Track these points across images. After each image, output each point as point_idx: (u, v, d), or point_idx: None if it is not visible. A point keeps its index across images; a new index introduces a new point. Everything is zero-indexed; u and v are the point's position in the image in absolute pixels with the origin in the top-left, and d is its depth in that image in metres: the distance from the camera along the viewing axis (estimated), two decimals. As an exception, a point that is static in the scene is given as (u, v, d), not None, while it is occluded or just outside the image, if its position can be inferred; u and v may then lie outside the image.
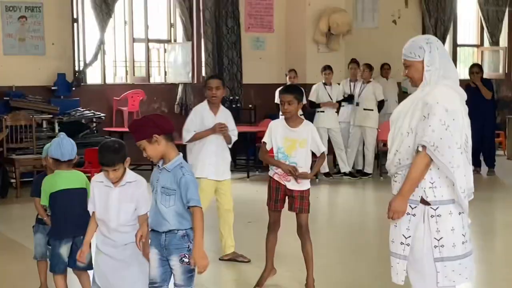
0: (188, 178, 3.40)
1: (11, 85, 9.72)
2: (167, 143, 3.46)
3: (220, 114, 5.51)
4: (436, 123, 3.26)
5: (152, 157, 3.48)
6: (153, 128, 3.44)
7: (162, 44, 11.53)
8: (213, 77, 5.73)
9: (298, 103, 4.64)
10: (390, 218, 3.40)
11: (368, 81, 9.98)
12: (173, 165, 3.44)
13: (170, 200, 3.42)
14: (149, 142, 3.44)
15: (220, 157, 5.52)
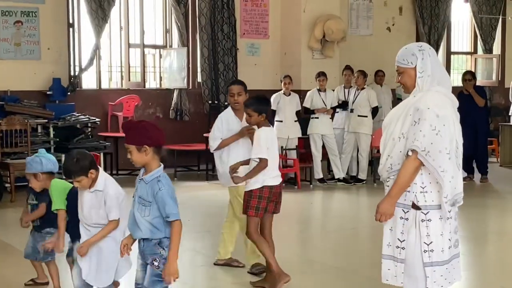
0: (164, 192, 3.45)
1: (6, 90, 9.74)
2: (154, 155, 3.51)
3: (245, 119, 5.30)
4: (427, 128, 3.31)
5: (135, 163, 3.55)
6: (146, 138, 3.48)
7: (158, 50, 11.57)
8: (235, 83, 5.59)
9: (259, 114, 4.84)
10: (377, 220, 3.44)
11: (362, 87, 10.04)
12: (151, 177, 3.50)
13: (145, 211, 3.48)
14: (138, 149, 3.48)
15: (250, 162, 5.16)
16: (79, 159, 3.94)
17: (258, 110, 4.83)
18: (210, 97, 11.36)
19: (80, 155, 3.99)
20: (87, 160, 3.95)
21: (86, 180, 3.94)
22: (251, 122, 4.92)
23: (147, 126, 3.54)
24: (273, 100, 9.98)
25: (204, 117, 11.38)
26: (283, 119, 9.93)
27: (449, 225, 3.45)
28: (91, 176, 3.95)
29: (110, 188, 4.03)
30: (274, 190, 4.89)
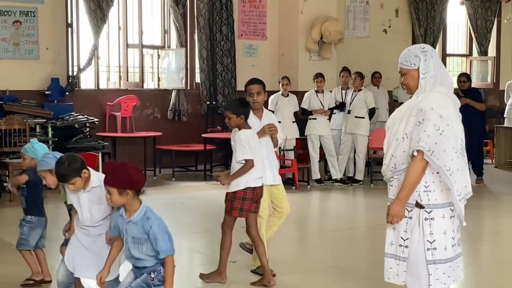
0: (155, 230, 3.47)
1: (4, 89, 9.74)
2: (134, 196, 3.52)
3: (265, 118, 5.33)
4: (431, 128, 3.37)
5: (115, 204, 3.56)
6: (127, 183, 3.48)
7: (156, 50, 11.60)
8: (253, 82, 5.39)
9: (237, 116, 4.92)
10: (389, 222, 3.48)
11: (360, 89, 10.10)
12: (139, 217, 3.51)
13: (143, 247, 3.52)
14: (119, 192, 3.48)
15: (272, 160, 5.35)
16: (71, 162, 3.98)
17: (237, 113, 4.90)
18: (208, 97, 11.40)
19: (71, 157, 4.04)
20: (78, 162, 4.00)
21: (80, 181, 3.98)
22: (231, 124, 4.98)
23: (130, 170, 3.52)
24: (271, 101, 10.04)
25: (202, 118, 11.43)
26: (281, 120, 9.92)
27: (452, 224, 3.51)
28: (85, 176, 4.00)
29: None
30: (256, 191, 4.99)
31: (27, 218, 4.92)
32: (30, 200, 4.92)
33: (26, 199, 4.94)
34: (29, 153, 4.82)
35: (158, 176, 10.70)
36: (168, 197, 9.05)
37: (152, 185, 9.98)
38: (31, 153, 4.81)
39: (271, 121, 5.30)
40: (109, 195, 3.51)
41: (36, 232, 4.94)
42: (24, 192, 4.94)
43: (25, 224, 4.92)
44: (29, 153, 4.82)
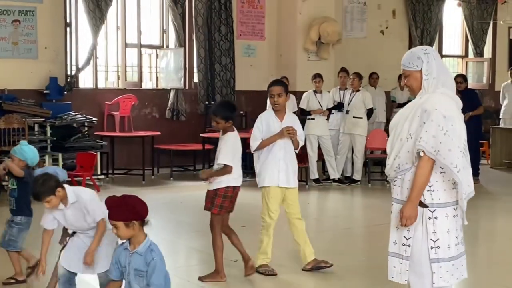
0: (157, 262, 3.52)
1: (3, 88, 9.75)
2: (140, 227, 3.56)
3: (286, 119, 5.30)
4: (435, 128, 3.42)
5: (121, 238, 3.60)
6: (133, 214, 3.52)
7: (154, 50, 11.63)
8: (275, 83, 5.37)
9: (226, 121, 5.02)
10: (403, 225, 3.51)
11: (358, 89, 10.15)
12: (144, 248, 3.55)
13: (143, 281, 3.55)
14: (126, 225, 3.52)
15: (290, 163, 5.31)
16: (45, 180, 4.08)
17: (225, 117, 4.99)
18: (206, 97, 11.43)
19: (45, 176, 4.13)
20: (52, 180, 4.09)
21: (55, 199, 4.08)
22: (218, 128, 5.09)
23: (132, 202, 3.56)
24: (269, 101, 10.07)
25: (200, 118, 11.46)
26: (279, 120, 10.02)
27: (456, 223, 3.57)
28: (59, 194, 4.09)
29: (82, 195, 4.18)
30: (236, 190, 5.10)
31: (17, 219, 4.96)
32: (21, 201, 4.96)
33: (17, 200, 4.97)
34: (18, 154, 4.94)
35: (156, 175, 10.72)
36: (166, 197, 9.08)
37: (150, 184, 10.01)
38: (19, 155, 4.93)
39: (292, 123, 5.28)
40: (115, 229, 3.53)
41: (24, 233, 5.01)
42: (14, 193, 4.98)
43: (14, 225, 4.96)
44: (18, 154, 4.94)
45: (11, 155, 4.99)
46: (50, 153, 9.61)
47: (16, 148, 5.04)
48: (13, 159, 4.94)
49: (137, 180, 10.19)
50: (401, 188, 3.57)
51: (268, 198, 5.27)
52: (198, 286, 5.14)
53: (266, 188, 5.28)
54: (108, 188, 9.65)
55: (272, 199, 5.24)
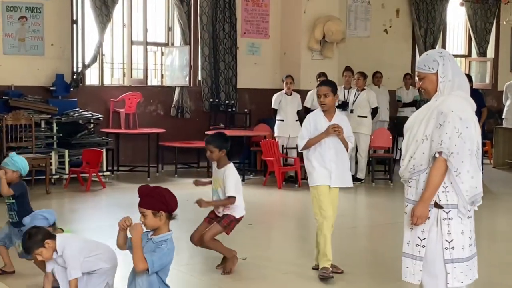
0: (163, 249, 3.60)
1: (10, 85, 9.79)
2: (166, 220, 3.63)
3: (335, 119, 5.24)
4: (451, 130, 3.47)
5: (148, 227, 3.65)
6: (163, 205, 3.60)
7: (160, 47, 11.67)
8: (322, 84, 5.35)
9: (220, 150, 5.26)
10: (414, 224, 3.56)
11: (362, 88, 10.20)
12: (159, 239, 3.63)
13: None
14: (154, 214, 3.58)
15: (340, 163, 5.23)
16: (31, 234, 4.16)
17: (219, 147, 5.22)
18: (210, 95, 11.48)
19: (33, 230, 4.21)
20: (40, 234, 4.16)
21: (45, 251, 4.14)
22: (212, 157, 5.29)
23: (164, 193, 3.65)
24: (274, 99, 10.14)
25: (205, 115, 11.51)
26: (284, 118, 10.09)
27: (469, 224, 3.62)
28: (49, 246, 4.14)
29: (67, 248, 4.18)
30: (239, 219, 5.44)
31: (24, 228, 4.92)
32: (21, 212, 5.01)
33: (18, 212, 5.03)
34: (10, 166, 5.00)
35: (161, 172, 10.77)
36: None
37: (155, 181, 10.04)
38: (12, 166, 4.99)
39: (340, 123, 5.23)
40: (143, 217, 3.60)
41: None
42: (14, 206, 5.05)
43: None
44: (10, 166, 5.00)
45: (3, 168, 5.03)
46: (56, 150, 9.66)
47: (7, 160, 5.11)
48: (6, 172, 4.99)
49: (142, 176, 10.23)
50: (415, 189, 3.62)
51: (319, 196, 5.18)
52: (201, 281, 5.19)
53: (316, 187, 5.20)
54: (113, 184, 9.70)
55: (323, 197, 5.16)
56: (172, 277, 5.12)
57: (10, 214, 5.08)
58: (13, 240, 5.08)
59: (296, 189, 9.68)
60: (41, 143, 9.58)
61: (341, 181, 5.26)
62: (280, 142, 10.03)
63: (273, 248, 6.51)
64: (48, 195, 8.73)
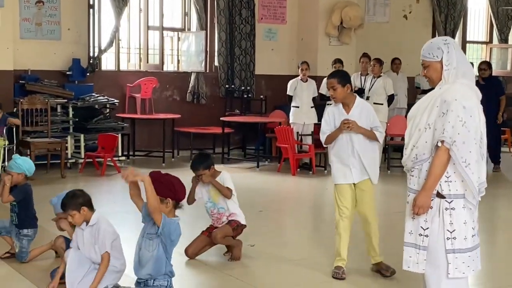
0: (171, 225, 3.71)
1: (26, 69, 9.85)
2: (172, 208, 3.73)
3: (354, 111, 4.90)
4: (454, 119, 3.42)
5: None
6: (170, 192, 3.70)
7: (176, 33, 11.66)
8: (329, 76, 5.00)
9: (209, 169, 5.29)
10: (415, 213, 3.52)
11: (379, 75, 10.09)
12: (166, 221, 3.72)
13: (153, 244, 3.73)
14: (161, 200, 3.67)
15: (360, 156, 4.90)
16: (75, 194, 4.25)
17: (208, 166, 5.24)
18: (226, 81, 11.46)
19: (78, 192, 4.31)
20: (82, 198, 4.24)
21: (78, 215, 4.19)
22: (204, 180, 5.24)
23: (174, 181, 3.74)
24: (290, 86, 10.08)
25: (221, 101, 11.50)
26: (299, 105, 10.03)
27: (472, 214, 3.56)
28: (83, 213, 4.20)
29: (102, 222, 4.27)
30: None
31: (23, 232, 5.10)
32: (22, 215, 5.11)
33: (18, 215, 5.11)
34: (14, 169, 5.06)
35: (176, 158, 10.80)
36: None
37: (170, 166, 10.09)
38: (16, 169, 5.05)
39: (359, 115, 4.89)
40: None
41: (32, 241, 5.16)
42: (15, 208, 5.13)
43: (23, 237, 5.10)
44: (14, 169, 5.06)
45: (8, 172, 5.10)
46: (72, 134, 9.72)
47: (10, 163, 5.19)
48: (11, 175, 5.06)
49: (157, 162, 10.28)
50: (418, 178, 3.57)
51: (337, 195, 4.97)
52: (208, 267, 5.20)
53: (336, 185, 5.00)
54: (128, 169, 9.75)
55: (341, 196, 4.95)
56: (179, 264, 5.18)
57: (12, 215, 5.16)
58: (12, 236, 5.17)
59: (310, 176, 9.65)
60: (57, 128, 9.64)
61: (362, 175, 4.94)
62: (295, 128, 9.99)
63: (283, 235, 6.50)
64: (63, 179, 8.81)
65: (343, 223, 4.98)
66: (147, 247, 3.74)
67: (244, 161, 10.86)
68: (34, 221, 5.17)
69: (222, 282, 4.94)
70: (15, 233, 5.12)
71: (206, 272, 5.11)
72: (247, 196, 7.70)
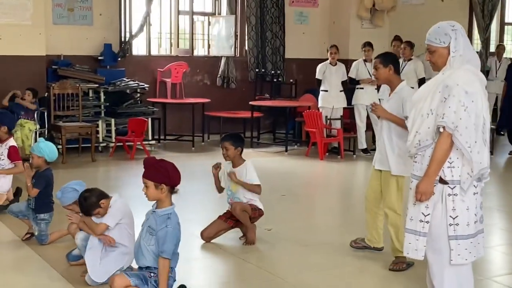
0: (169, 230, 3.72)
1: (59, 54, 10.02)
2: (168, 194, 3.76)
3: (394, 96, 4.90)
4: (456, 104, 3.37)
5: (149, 198, 3.79)
6: (165, 178, 3.73)
7: (207, 17, 11.68)
8: (376, 56, 5.15)
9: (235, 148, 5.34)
10: (418, 200, 3.49)
11: (410, 58, 9.94)
12: (163, 213, 3.77)
13: (151, 240, 3.77)
14: (156, 186, 3.72)
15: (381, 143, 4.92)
16: (86, 198, 4.41)
17: (235, 145, 5.34)
18: (256, 65, 11.45)
19: (86, 194, 4.45)
20: (94, 196, 4.40)
21: (102, 210, 4.38)
22: (228, 155, 5.34)
23: (167, 167, 3.76)
24: (318, 70, 10.02)
25: (250, 85, 11.51)
26: (328, 89, 9.96)
27: (475, 200, 3.51)
28: (104, 205, 4.38)
29: (113, 206, 4.40)
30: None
31: (40, 216, 5.22)
32: (39, 201, 5.22)
33: (36, 200, 5.22)
34: (35, 151, 5.19)
35: (206, 142, 10.88)
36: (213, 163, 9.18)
37: (199, 150, 10.18)
38: (37, 152, 5.18)
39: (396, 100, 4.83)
40: (146, 188, 3.74)
41: (50, 223, 5.28)
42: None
43: (40, 222, 5.21)
44: (35, 151, 5.19)
45: (31, 153, 5.25)
46: (103, 118, 9.87)
47: (34, 145, 5.32)
48: (32, 157, 5.20)
49: (187, 146, 10.37)
50: (421, 164, 3.54)
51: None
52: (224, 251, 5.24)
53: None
54: (159, 153, 9.86)
55: (370, 177, 5.06)
56: (194, 247, 5.24)
57: (29, 200, 5.27)
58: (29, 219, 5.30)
59: (338, 161, 9.60)
60: (89, 112, 9.80)
61: (380, 164, 4.88)
62: (324, 113, 9.93)
63: (305, 220, 6.47)
64: (93, 163, 8.97)
65: (365, 203, 5.10)
66: (147, 241, 3.81)
67: (273, 145, 10.87)
68: (50, 205, 5.28)
69: (235, 266, 4.98)
70: (32, 217, 5.24)
71: (220, 255, 5.16)
72: (272, 180, 7.73)
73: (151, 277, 3.82)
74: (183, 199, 5.36)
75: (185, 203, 6.20)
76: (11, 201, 6.16)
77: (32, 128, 8.86)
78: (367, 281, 4.67)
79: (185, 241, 4.77)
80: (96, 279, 4.30)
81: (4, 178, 6.16)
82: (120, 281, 3.77)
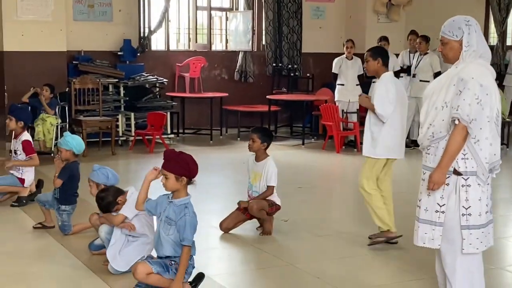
0: (187, 219, 3.86)
1: (79, 50, 10.19)
2: (185, 185, 3.89)
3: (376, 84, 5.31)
4: (471, 97, 3.45)
5: (168, 189, 3.90)
6: (185, 171, 3.85)
7: (224, 12, 11.80)
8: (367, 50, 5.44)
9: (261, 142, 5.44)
10: (430, 189, 3.59)
11: (425, 53, 9.98)
12: (180, 203, 3.90)
13: (170, 230, 3.90)
14: (176, 178, 3.84)
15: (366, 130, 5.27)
16: (103, 198, 4.62)
17: (262, 139, 5.46)
18: (274, 59, 11.55)
19: (102, 194, 4.64)
20: (110, 195, 4.60)
21: (120, 207, 4.56)
22: (253, 147, 5.48)
23: (187, 159, 3.89)
24: (335, 64, 10.10)
25: (268, 79, 11.61)
26: (344, 83, 10.04)
27: (487, 191, 3.60)
28: (122, 201, 4.57)
29: (134, 194, 4.50)
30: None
31: (62, 207, 5.38)
32: (63, 192, 5.39)
33: (60, 191, 5.39)
34: (63, 145, 5.34)
35: (224, 135, 11.01)
36: (231, 156, 9.33)
37: (217, 144, 10.31)
38: (64, 145, 5.33)
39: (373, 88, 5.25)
40: (165, 179, 3.86)
41: (72, 214, 5.44)
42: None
43: (62, 212, 5.38)
44: (63, 145, 5.34)
45: (58, 147, 5.41)
46: (123, 113, 10.04)
47: (61, 139, 5.47)
48: (60, 151, 5.35)
49: (206, 139, 10.51)
50: (434, 156, 3.62)
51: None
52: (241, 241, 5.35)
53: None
54: (178, 146, 10.01)
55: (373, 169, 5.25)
56: (213, 237, 5.37)
57: (55, 189, 5.44)
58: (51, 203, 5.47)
59: (354, 154, 9.67)
60: (109, 107, 9.97)
61: (367, 149, 5.18)
62: (340, 106, 10.02)
63: (320, 212, 6.58)
64: (113, 156, 9.13)
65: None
66: (165, 231, 3.92)
67: (290, 138, 10.98)
68: (73, 198, 5.44)
69: (252, 255, 5.09)
70: (56, 207, 5.40)
71: (238, 245, 5.28)
72: (289, 173, 7.84)
73: (172, 265, 3.94)
74: (202, 191, 5.52)
75: (204, 195, 6.35)
76: (34, 193, 6.35)
77: (53, 122, 9.04)
78: (382, 271, 4.77)
79: (204, 231, 4.92)
80: (118, 268, 4.45)
81: (29, 171, 6.35)
82: (142, 268, 3.90)
